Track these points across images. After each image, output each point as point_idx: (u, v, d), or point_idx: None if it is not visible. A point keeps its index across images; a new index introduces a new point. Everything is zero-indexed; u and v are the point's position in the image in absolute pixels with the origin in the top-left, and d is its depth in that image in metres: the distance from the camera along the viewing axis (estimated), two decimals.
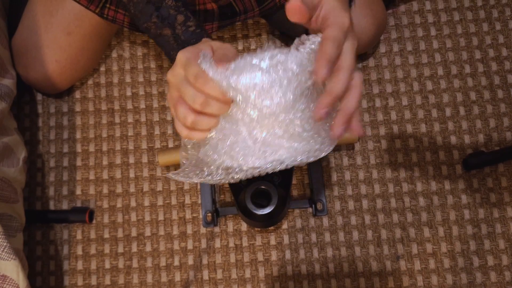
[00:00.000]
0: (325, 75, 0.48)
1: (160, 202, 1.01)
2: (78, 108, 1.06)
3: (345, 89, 0.50)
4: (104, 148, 1.04)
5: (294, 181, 1.01)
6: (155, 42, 0.67)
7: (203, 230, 1.00)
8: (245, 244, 0.99)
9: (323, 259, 0.98)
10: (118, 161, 1.03)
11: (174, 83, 0.52)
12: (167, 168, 1.02)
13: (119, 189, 1.02)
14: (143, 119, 1.05)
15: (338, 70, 0.51)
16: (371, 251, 0.98)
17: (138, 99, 1.06)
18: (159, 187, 1.02)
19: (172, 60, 0.65)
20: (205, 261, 0.98)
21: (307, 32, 0.57)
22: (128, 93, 1.07)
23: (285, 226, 0.99)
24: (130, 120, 1.05)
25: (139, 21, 0.67)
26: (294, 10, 0.50)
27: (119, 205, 1.01)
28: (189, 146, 0.54)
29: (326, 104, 0.49)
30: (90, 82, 1.07)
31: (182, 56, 0.51)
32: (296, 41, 0.52)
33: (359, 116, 0.53)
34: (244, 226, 0.99)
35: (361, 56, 1.06)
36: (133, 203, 1.01)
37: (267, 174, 0.89)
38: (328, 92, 0.50)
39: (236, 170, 0.51)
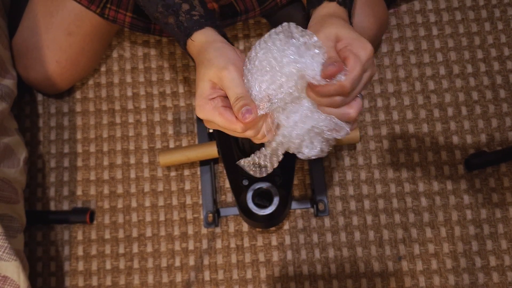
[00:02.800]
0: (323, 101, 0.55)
1: (161, 202, 1.01)
2: (78, 108, 1.06)
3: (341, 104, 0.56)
4: (105, 148, 1.04)
5: (295, 182, 1.01)
6: (167, 33, 0.68)
7: (204, 230, 0.99)
8: (246, 244, 0.98)
9: (324, 259, 0.97)
10: (119, 161, 1.03)
11: (212, 127, 0.59)
12: (168, 168, 1.02)
13: (120, 190, 1.02)
14: (143, 119, 1.05)
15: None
16: (373, 252, 0.97)
17: (139, 99, 1.06)
18: (160, 188, 1.02)
19: (183, 48, 0.66)
20: (206, 262, 0.98)
21: None
22: (129, 93, 1.06)
23: (286, 226, 0.99)
24: (131, 120, 1.05)
25: (148, 12, 0.68)
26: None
27: (120, 205, 1.01)
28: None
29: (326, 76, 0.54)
30: (90, 82, 1.07)
31: (201, 115, 0.58)
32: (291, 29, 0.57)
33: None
34: (245, 227, 0.99)
35: None
36: (134, 204, 1.01)
37: (268, 175, 0.89)
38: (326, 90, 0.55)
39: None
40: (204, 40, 0.61)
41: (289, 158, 0.89)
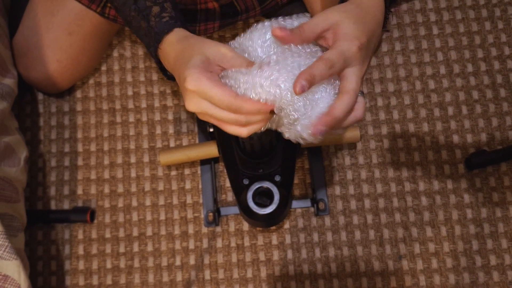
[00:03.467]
0: (299, 89, 0.50)
1: (161, 201, 1.01)
2: (79, 107, 1.06)
3: (346, 112, 0.53)
4: (106, 147, 1.04)
5: (295, 181, 1.01)
6: (137, 37, 0.67)
7: (204, 229, 0.99)
8: (246, 244, 0.99)
9: (325, 258, 0.97)
10: (119, 160, 1.03)
11: (202, 113, 0.55)
12: (168, 167, 1.02)
13: (120, 189, 1.02)
14: (144, 118, 1.05)
15: (342, 93, 0.53)
16: (373, 251, 0.97)
17: (139, 98, 1.06)
18: (161, 187, 1.02)
19: (151, 54, 0.64)
20: (206, 261, 0.98)
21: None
22: (129, 93, 1.07)
23: (287, 225, 0.99)
24: (131, 119, 1.05)
25: (122, 14, 0.67)
26: (282, 38, 0.54)
27: (120, 204, 1.01)
28: None
29: (325, 123, 0.52)
30: (91, 81, 1.07)
31: (193, 85, 0.53)
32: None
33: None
34: (245, 226, 0.99)
35: None
36: (134, 203, 1.01)
37: (269, 174, 0.89)
38: (330, 113, 0.52)
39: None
40: (175, 40, 0.59)
41: (290, 158, 0.89)
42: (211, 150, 0.93)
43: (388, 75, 1.06)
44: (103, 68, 1.08)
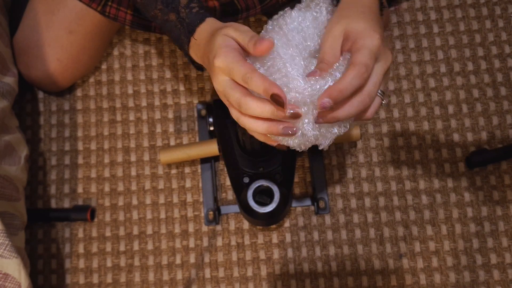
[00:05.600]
0: (328, 104, 0.50)
1: (161, 200, 1.01)
2: (79, 106, 1.06)
3: (351, 85, 0.51)
4: (106, 146, 1.04)
5: (296, 179, 1.01)
6: (164, 31, 0.67)
7: (205, 228, 0.99)
8: (247, 242, 0.99)
9: (325, 257, 0.97)
10: (119, 159, 1.03)
11: (224, 91, 0.55)
12: (169, 166, 1.02)
13: (120, 187, 1.02)
14: (144, 117, 1.05)
15: (350, 65, 0.52)
16: (374, 249, 0.97)
17: (140, 97, 1.06)
18: (161, 185, 1.02)
19: (181, 46, 0.65)
20: (207, 260, 0.98)
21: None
22: (130, 91, 1.07)
23: (287, 224, 0.99)
24: (131, 118, 1.05)
25: (146, 10, 0.67)
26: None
27: (120, 203, 1.01)
28: None
29: (329, 94, 0.50)
30: (91, 80, 1.07)
31: (220, 61, 0.53)
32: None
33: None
34: (246, 224, 0.99)
35: None
36: (134, 201, 1.01)
37: (269, 173, 0.89)
38: (334, 86, 0.51)
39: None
40: (209, 30, 0.60)
41: (290, 156, 0.89)
42: (211, 148, 0.93)
43: None
44: (104, 66, 1.08)
